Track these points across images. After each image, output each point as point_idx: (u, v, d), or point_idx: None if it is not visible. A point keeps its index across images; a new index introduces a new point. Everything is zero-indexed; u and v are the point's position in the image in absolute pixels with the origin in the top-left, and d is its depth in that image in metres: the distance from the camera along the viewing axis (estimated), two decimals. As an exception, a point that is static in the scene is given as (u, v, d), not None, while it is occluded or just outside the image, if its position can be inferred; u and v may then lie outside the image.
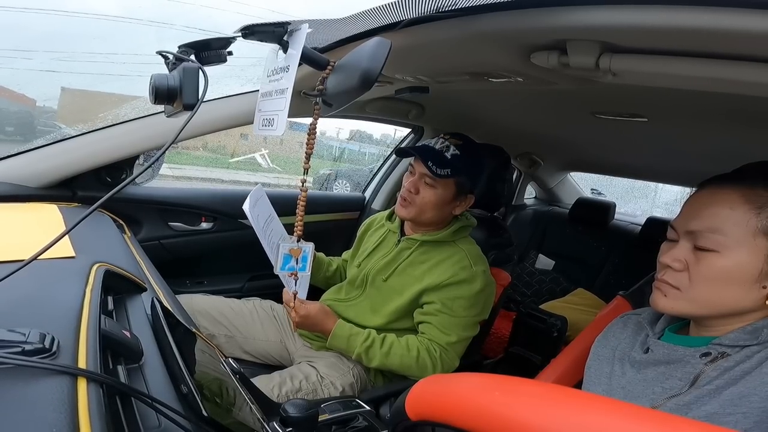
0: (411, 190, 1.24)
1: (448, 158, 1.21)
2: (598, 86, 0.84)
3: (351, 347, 1.17)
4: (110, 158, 1.24)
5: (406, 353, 1.16)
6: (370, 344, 1.17)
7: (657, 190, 3.96)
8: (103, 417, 0.40)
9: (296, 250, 0.83)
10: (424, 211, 1.24)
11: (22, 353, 0.43)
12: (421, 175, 1.23)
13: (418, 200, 1.23)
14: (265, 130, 0.68)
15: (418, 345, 1.17)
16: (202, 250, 1.66)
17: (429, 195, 1.23)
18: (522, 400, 0.35)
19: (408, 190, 1.24)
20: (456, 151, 1.22)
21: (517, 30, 0.69)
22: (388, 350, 1.17)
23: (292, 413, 0.68)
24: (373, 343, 1.17)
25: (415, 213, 1.24)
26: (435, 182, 1.22)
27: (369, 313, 1.28)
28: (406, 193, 1.24)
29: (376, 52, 0.59)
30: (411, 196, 1.24)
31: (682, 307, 0.65)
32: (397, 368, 1.18)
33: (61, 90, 5.60)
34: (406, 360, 1.16)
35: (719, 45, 0.58)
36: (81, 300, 0.60)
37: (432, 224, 1.28)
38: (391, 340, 1.19)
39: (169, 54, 0.68)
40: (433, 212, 1.24)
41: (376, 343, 1.17)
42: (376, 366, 1.18)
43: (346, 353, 1.20)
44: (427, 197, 1.23)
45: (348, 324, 1.21)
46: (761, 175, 0.62)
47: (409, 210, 1.25)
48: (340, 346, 1.19)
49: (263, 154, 6.84)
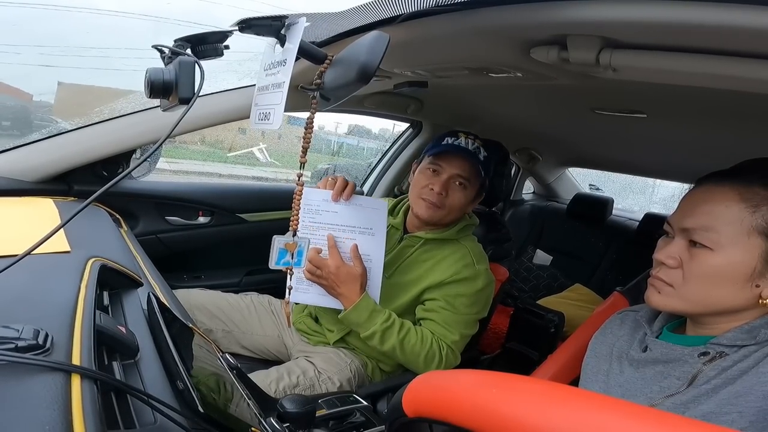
0: (441, 192, 1.20)
1: (482, 160, 1.20)
2: (598, 82, 0.84)
3: (371, 323, 1.12)
4: (106, 152, 1.23)
5: (419, 343, 1.14)
6: (390, 325, 1.13)
7: (655, 186, 3.96)
8: (97, 414, 0.40)
9: (292, 245, 0.83)
10: (451, 213, 1.23)
11: (15, 350, 0.43)
12: (453, 175, 1.20)
13: (448, 203, 1.21)
14: (261, 124, 0.68)
15: (432, 338, 1.16)
16: (200, 244, 1.65)
17: (459, 197, 1.21)
18: (519, 397, 0.35)
19: (438, 193, 1.19)
20: (485, 153, 1.21)
21: (517, 25, 0.68)
22: (405, 336, 1.14)
23: (290, 409, 0.68)
24: (393, 324, 1.14)
25: (443, 215, 1.22)
26: (468, 184, 1.20)
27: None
28: (436, 197, 1.19)
29: (374, 46, 0.59)
30: (441, 198, 1.20)
31: (675, 304, 0.65)
32: (405, 356, 1.15)
33: (58, 84, 5.55)
34: (417, 349, 1.14)
35: (720, 41, 0.58)
36: (75, 295, 0.60)
37: (446, 224, 1.27)
38: (409, 326, 1.16)
39: (164, 48, 0.68)
40: (458, 213, 1.24)
41: (395, 325, 1.14)
42: (385, 349, 1.14)
43: (359, 328, 1.14)
44: (458, 199, 1.21)
45: (372, 300, 1.16)
46: (758, 172, 0.61)
47: (437, 212, 1.21)
48: (357, 320, 1.13)
49: (261, 148, 6.81)
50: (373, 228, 1.17)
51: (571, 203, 2.67)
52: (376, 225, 1.17)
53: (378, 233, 1.17)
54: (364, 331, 1.14)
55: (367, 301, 1.13)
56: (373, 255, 1.17)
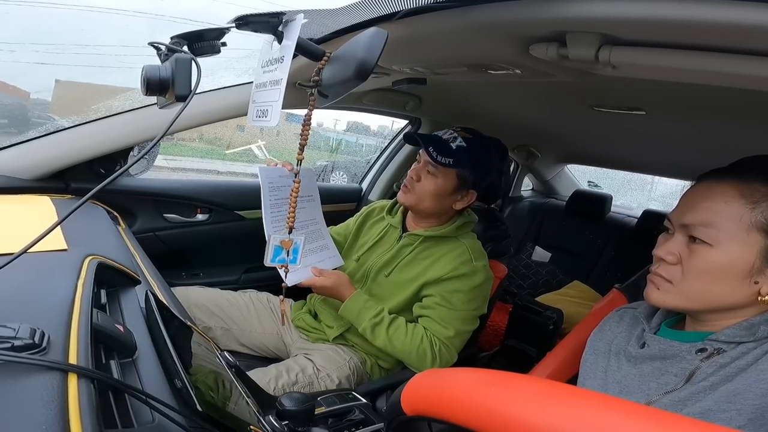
0: (413, 176, 1.25)
1: (452, 148, 1.20)
2: (597, 79, 0.84)
3: (360, 320, 1.18)
4: (104, 150, 1.23)
5: (409, 339, 1.16)
6: (379, 321, 1.17)
7: (653, 182, 3.97)
8: (94, 413, 0.40)
9: (287, 242, 0.83)
10: (422, 200, 1.24)
11: (11, 349, 0.43)
12: (425, 163, 1.24)
13: (418, 188, 1.24)
14: (259, 121, 0.67)
15: (422, 334, 1.18)
16: (198, 241, 1.65)
17: (429, 183, 1.23)
18: (518, 395, 0.35)
19: (410, 177, 1.25)
20: (462, 143, 1.21)
21: (516, 21, 0.68)
22: (394, 332, 1.17)
23: (289, 406, 0.68)
24: (382, 321, 1.18)
25: (414, 200, 1.25)
26: (436, 171, 1.21)
27: None
28: (408, 180, 1.26)
29: (373, 42, 0.58)
30: (412, 182, 1.25)
31: (673, 301, 0.65)
32: (396, 353, 1.18)
33: (55, 82, 5.53)
34: (407, 346, 1.16)
35: (719, 38, 0.58)
36: (72, 294, 0.59)
37: (431, 215, 1.28)
38: (399, 322, 1.19)
39: (161, 45, 0.67)
40: (431, 202, 1.24)
41: (385, 322, 1.18)
42: (379, 345, 1.18)
43: (355, 323, 1.20)
44: (427, 186, 1.23)
45: (364, 296, 1.21)
46: (758, 169, 0.61)
47: (408, 197, 1.26)
48: (349, 317, 1.20)
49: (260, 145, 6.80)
50: (312, 194, 1.25)
51: (570, 200, 2.67)
52: (312, 189, 1.26)
53: (315, 196, 1.26)
54: (358, 326, 1.19)
55: (355, 299, 1.19)
56: (318, 217, 1.26)
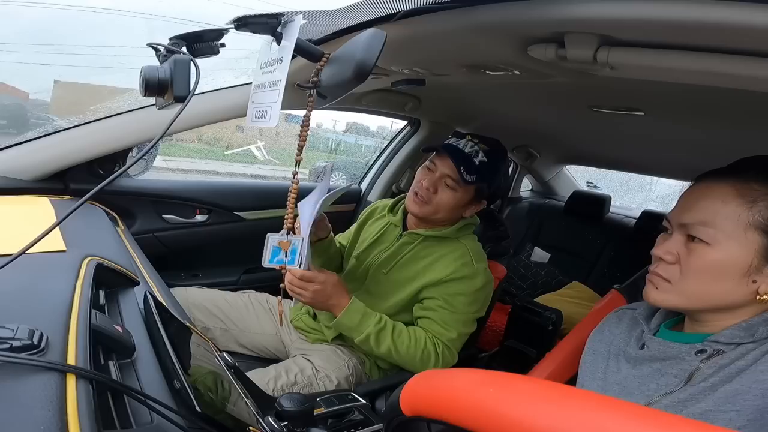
0: (429, 188, 1.20)
1: (476, 164, 1.18)
2: (596, 80, 0.84)
3: (363, 326, 1.12)
4: (103, 150, 1.23)
5: (413, 344, 1.15)
6: (383, 326, 1.14)
7: (652, 183, 3.97)
8: (92, 414, 0.40)
9: (285, 243, 0.83)
10: (438, 212, 1.22)
11: (9, 350, 0.43)
12: (443, 175, 1.20)
13: (435, 200, 1.21)
14: (258, 122, 0.67)
15: (425, 337, 1.16)
16: (197, 242, 1.65)
17: (447, 197, 1.21)
18: (516, 396, 0.35)
19: (426, 188, 1.21)
20: (484, 158, 1.19)
21: (515, 22, 0.68)
22: (398, 337, 1.14)
23: (288, 407, 0.68)
24: (386, 326, 1.14)
25: (429, 212, 1.22)
26: (457, 186, 1.20)
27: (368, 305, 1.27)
28: (424, 191, 1.21)
29: (371, 43, 0.59)
30: (428, 194, 1.20)
31: (672, 300, 0.65)
32: (401, 358, 1.15)
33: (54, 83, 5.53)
34: (412, 351, 1.14)
35: (718, 39, 0.58)
36: (71, 295, 0.59)
37: (439, 222, 1.27)
38: (401, 327, 1.17)
39: (160, 46, 0.67)
40: (446, 213, 1.23)
41: (388, 327, 1.14)
42: (381, 352, 1.14)
43: (353, 333, 1.14)
44: (445, 199, 1.21)
45: (361, 303, 1.15)
46: (755, 169, 0.62)
47: (423, 208, 1.22)
48: (350, 324, 1.12)
49: (259, 146, 6.81)
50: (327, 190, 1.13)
51: (569, 201, 2.68)
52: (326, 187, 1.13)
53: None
54: (358, 335, 1.13)
55: (356, 304, 1.14)
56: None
